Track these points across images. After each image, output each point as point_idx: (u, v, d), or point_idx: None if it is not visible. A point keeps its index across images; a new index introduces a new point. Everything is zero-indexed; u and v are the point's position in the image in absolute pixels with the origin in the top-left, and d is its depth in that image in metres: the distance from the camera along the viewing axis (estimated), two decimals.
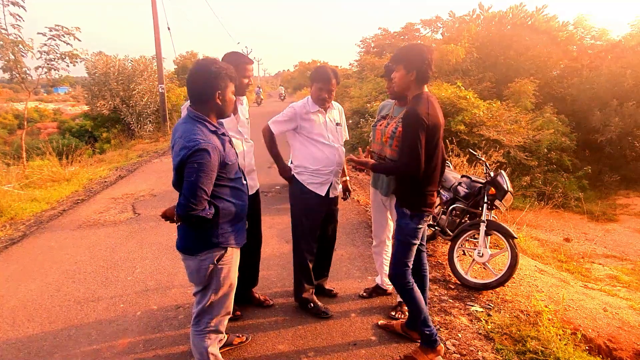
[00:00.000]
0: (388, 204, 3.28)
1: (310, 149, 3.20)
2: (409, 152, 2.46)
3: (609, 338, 3.69)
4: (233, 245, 2.27)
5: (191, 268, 2.24)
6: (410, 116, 2.44)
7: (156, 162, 10.24)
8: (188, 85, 2.13)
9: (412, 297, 2.73)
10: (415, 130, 2.42)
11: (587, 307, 4.06)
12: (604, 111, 12.80)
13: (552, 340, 3.17)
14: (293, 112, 3.17)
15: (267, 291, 3.70)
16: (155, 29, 15.24)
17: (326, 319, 3.29)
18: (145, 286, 3.82)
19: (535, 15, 17.25)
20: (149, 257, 4.44)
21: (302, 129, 3.19)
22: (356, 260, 4.44)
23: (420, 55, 2.50)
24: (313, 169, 3.21)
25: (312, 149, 3.20)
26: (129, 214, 5.99)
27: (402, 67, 2.56)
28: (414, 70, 2.51)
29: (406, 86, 2.60)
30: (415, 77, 2.53)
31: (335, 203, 3.45)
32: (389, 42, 24.25)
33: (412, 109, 2.46)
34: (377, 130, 3.22)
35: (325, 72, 3.14)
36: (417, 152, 2.43)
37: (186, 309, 3.41)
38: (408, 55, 2.55)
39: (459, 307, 3.70)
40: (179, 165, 2.03)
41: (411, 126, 2.43)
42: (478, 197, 4.60)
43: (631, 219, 10.41)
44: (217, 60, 2.14)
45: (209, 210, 2.10)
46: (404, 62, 2.55)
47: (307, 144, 3.22)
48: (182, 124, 2.16)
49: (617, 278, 6.23)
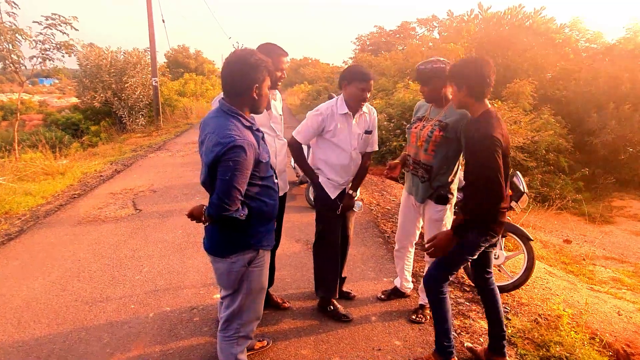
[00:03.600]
0: (422, 210, 3.17)
1: (328, 153, 3.05)
2: (489, 182, 2.27)
3: (626, 343, 3.65)
4: (265, 246, 2.16)
5: (221, 271, 2.12)
6: (486, 140, 2.25)
7: (152, 156, 10.02)
8: (224, 76, 1.99)
9: (442, 306, 2.63)
10: (493, 156, 2.24)
11: (602, 311, 4.02)
12: (601, 114, 12.90)
13: (577, 345, 3.11)
14: (320, 117, 2.97)
15: (283, 293, 3.58)
16: (149, 21, 14.96)
17: (347, 322, 3.19)
18: (155, 286, 3.67)
19: (533, 17, 17.33)
20: (156, 256, 4.29)
21: (325, 132, 3.01)
22: (369, 260, 4.35)
23: (471, 70, 2.36)
24: (331, 177, 3.08)
25: (330, 154, 3.05)
26: (130, 210, 5.81)
27: (453, 83, 2.44)
28: (463, 85, 2.38)
29: (462, 103, 2.47)
30: (467, 93, 2.39)
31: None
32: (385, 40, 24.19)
33: (485, 132, 2.27)
34: (412, 133, 3.07)
35: (364, 70, 2.93)
36: (498, 180, 2.26)
37: (201, 311, 3.29)
38: (458, 70, 2.42)
39: (477, 310, 3.63)
40: (212, 163, 1.90)
41: (488, 151, 2.24)
42: None
43: (627, 221, 10.49)
44: (255, 51, 2.01)
45: (243, 210, 1.98)
46: (455, 78, 2.43)
47: (326, 148, 3.06)
48: (213, 117, 2.02)
49: (620, 281, 6.25)
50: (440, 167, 2.95)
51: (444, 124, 2.89)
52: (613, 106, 12.92)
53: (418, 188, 3.07)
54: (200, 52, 37.08)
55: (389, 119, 9.94)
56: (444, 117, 2.93)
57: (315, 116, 2.98)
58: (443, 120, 2.92)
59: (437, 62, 2.87)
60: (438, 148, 2.91)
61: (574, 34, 18.09)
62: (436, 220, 3.08)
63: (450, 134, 2.87)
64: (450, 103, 2.98)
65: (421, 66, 2.91)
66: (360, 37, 27.66)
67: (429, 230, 3.17)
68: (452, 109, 2.94)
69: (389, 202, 6.79)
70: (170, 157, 9.99)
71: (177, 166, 8.85)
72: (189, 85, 25.65)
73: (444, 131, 2.87)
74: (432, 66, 2.85)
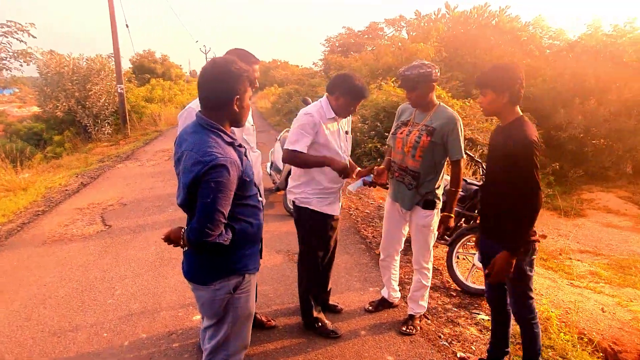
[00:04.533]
0: (409, 217, 3.07)
1: None
2: (535, 185, 2.21)
3: (613, 341, 3.66)
4: (251, 270, 2.00)
5: (203, 299, 1.95)
6: (526, 146, 2.19)
7: (120, 167, 9.63)
8: (201, 88, 1.81)
9: (535, 334, 2.52)
10: (533, 161, 2.18)
11: (586, 309, 4.03)
12: (567, 109, 13.24)
13: (568, 348, 3.08)
14: (311, 118, 2.77)
15: (266, 310, 3.42)
16: (112, 26, 14.46)
17: (335, 338, 3.05)
18: (129, 310, 3.44)
19: (499, 15, 17.68)
20: (129, 276, 4.04)
21: (318, 136, 2.82)
22: (353, 270, 4.23)
23: (511, 75, 2.28)
24: (323, 187, 2.88)
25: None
26: (99, 226, 5.51)
27: (490, 90, 2.32)
28: (505, 91, 2.28)
29: (499, 110, 2.36)
30: (508, 99, 2.29)
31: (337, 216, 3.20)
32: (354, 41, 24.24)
33: (525, 136, 2.21)
34: (397, 138, 2.97)
35: (363, 93, 2.80)
36: (538, 185, 2.21)
37: (180, 336, 3.08)
38: (497, 76, 2.32)
39: (465, 316, 3.57)
40: (191, 183, 1.72)
41: (529, 158, 2.19)
42: (474, 199, 4.50)
43: (598, 213, 10.78)
44: (235, 59, 1.83)
45: (226, 235, 1.81)
46: (492, 85, 2.31)
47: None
48: (191, 133, 1.84)
49: (597, 274, 6.35)
50: (428, 173, 2.89)
51: (432, 129, 2.82)
52: (578, 101, 13.29)
53: (405, 195, 2.98)
54: (167, 56, 36.34)
55: (363, 120, 9.88)
56: (431, 122, 2.85)
57: (307, 116, 2.78)
58: (430, 124, 2.84)
59: (422, 66, 2.77)
60: (425, 154, 2.83)
61: (538, 32, 18.55)
62: (424, 226, 3.01)
63: (437, 138, 2.80)
64: (436, 107, 2.90)
65: (406, 72, 2.80)
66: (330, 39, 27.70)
67: (416, 236, 3.09)
68: (438, 113, 2.87)
69: (367, 205, 6.70)
70: (140, 166, 9.63)
71: (148, 176, 8.52)
72: (157, 91, 25.01)
73: (432, 136, 2.80)
74: (418, 71, 2.76)
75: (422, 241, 3.07)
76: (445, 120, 2.81)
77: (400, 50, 15.22)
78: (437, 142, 2.82)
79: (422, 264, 3.12)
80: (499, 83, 2.29)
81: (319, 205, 2.89)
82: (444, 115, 2.85)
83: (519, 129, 2.26)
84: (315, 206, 2.88)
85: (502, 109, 2.34)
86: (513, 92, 2.28)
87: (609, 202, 11.84)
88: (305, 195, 2.88)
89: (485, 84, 2.35)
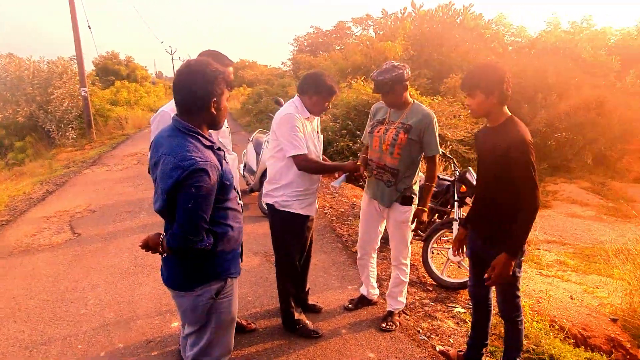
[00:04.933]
0: (387, 214, 3.11)
1: None
2: (534, 186, 2.18)
3: (582, 327, 3.81)
4: (233, 274, 1.98)
5: (185, 306, 1.92)
6: (523, 146, 2.17)
7: (87, 172, 9.34)
8: (177, 91, 1.78)
9: (519, 330, 2.56)
10: (530, 161, 2.16)
11: (556, 297, 4.17)
12: (531, 104, 13.70)
13: (542, 337, 3.18)
14: (298, 119, 2.78)
15: (246, 313, 3.40)
16: (74, 28, 14.01)
17: (317, 338, 3.06)
18: (104, 320, 3.35)
19: (463, 13, 18.09)
20: (101, 285, 3.94)
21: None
22: (331, 268, 4.25)
23: (499, 75, 2.25)
24: (303, 188, 2.88)
25: None
26: (67, 234, 5.34)
27: (478, 92, 2.28)
28: (495, 92, 2.24)
29: (488, 111, 2.33)
30: (497, 100, 2.26)
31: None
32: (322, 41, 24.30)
33: (521, 137, 2.18)
34: (374, 137, 3.01)
35: (332, 86, 2.83)
36: (536, 185, 2.19)
37: (158, 344, 3.02)
38: (485, 77, 2.28)
39: (442, 310, 3.65)
40: (171, 189, 1.69)
41: (526, 158, 2.16)
42: (447, 195, 4.60)
43: (562, 204, 11.19)
44: (211, 61, 1.82)
45: (208, 240, 1.79)
46: (481, 86, 2.27)
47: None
48: (168, 137, 1.80)
49: (565, 263, 6.60)
50: (406, 169, 2.96)
51: (408, 126, 2.88)
52: (541, 96, 13.76)
53: (384, 192, 3.03)
54: (132, 58, 35.31)
55: (334, 119, 9.92)
56: (407, 119, 2.91)
57: (292, 116, 2.78)
58: (406, 122, 2.90)
59: (393, 69, 2.84)
60: (403, 151, 2.90)
61: (500, 29, 19.11)
62: (402, 222, 3.07)
63: (414, 135, 2.87)
64: (411, 105, 2.96)
65: (380, 77, 2.85)
66: (298, 38, 27.67)
67: (394, 233, 3.15)
68: (413, 111, 2.93)
69: (342, 204, 6.73)
70: (108, 171, 9.38)
71: (117, 181, 8.30)
72: (122, 94, 24.36)
73: (409, 133, 2.87)
74: (391, 75, 2.82)
75: (401, 237, 3.12)
76: (421, 117, 2.88)
77: (368, 49, 15.36)
78: (414, 139, 2.88)
79: (400, 260, 3.17)
80: (487, 84, 2.26)
81: (299, 207, 2.90)
82: (419, 113, 2.91)
83: (512, 130, 2.23)
84: (295, 209, 2.89)
85: (492, 110, 2.31)
86: (502, 92, 2.25)
87: (572, 192, 12.30)
88: (285, 199, 2.87)
89: (473, 85, 2.31)
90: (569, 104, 13.59)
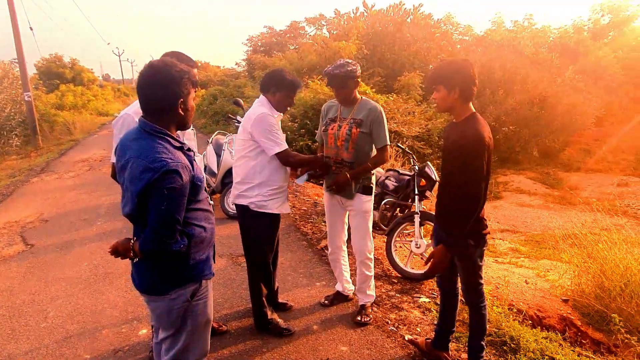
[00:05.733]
0: (350, 206, 3.19)
1: (273, 162, 2.89)
2: (475, 182, 2.25)
3: (537, 308, 4.04)
4: (206, 276, 1.98)
5: (159, 310, 1.90)
6: (476, 141, 2.24)
7: (36, 181, 8.89)
8: (143, 93, 1.76)
9: (482, 316, 2.65)
10: (481, 157, 2.23)
11: (513, 282, 4.40)
12: (480, 100, 14.27)
13: (502, 320, 3.35)
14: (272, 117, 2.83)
15: (216, 315, 3.37)
16: (14, 30, 13.26)
17: (289, 336, 3.09)
18: (67, 332, 3.23)
19: (413, 13, 18.57)
20: (61, 296, 3.78)
21: None
22: (298, 266, 4.29)
23: (461, 72, 2.31)
24: (277, 186, 2.93)
25: (274, 163, 2.90)
26: (20, 246, 5.07)
27: (442, 87, 2.35)
28: (456, 88, 2.31)
29: (450, 106, 2.39)
30: (458, 95, 2.32)
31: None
32: (276, 40, 24.21)
33: (476, 136, 2.25)
34: (329, 134, 3.13)
35: (298, 82, 2.92)
36: (482, 181, 2.26)
37: (126, 353, 2.95)
38: (448, 73, 2.34)
39: (408, 301, 3.76)
40: (142, 192, 1.67)
41: (477, 153, 2.23)
42: (408, 189, 4.74)
43: (512, 194, 11.75)
44: (176, 62, 1.80)
45: (183, 241, 1.78)
46: (444, 81, 2.34)
47: (271, 158, 2.87)
48: (134, 139, 1.77)
49: (518, 250, 6.95)
50: (362, 161, 3.09)
51: (359, 120, 3.04)
52: (489, 92, 14.37)
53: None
54: (77, 60, 33.78)
55: (293, 119, 9.95)
56: (357, 114, 3.07)
57: (267, 115, 2.82)
58: (356, 117, 3.06)
59: (347, 64, 2.98)
60: (357, 144, 3.05)
61: (449, 28, 19.79)
62: (365, 212, 3.19)
63: (365, 128, 3.03)
64: (359, 101, 3.11)
65: (335, 71, 2.96)
66: (252, 38, 27.41)
67: (357, 224, 3.23)
68: (361, 106, 3.10)
69: (304, 202, 6.78)
70: (58, 179, 8.96)
71: (69, 189, 7.96)
72: (68, 98, 23.31)
73: (360, 127, 3.02)
74: (346, 70, 2.95)
75: (364, 227, 3.21)
76: (368, 111, 3.04)
77: (323, 49, 15.48)
78: (366, 131, 3.03)
79: (365, 253, 3.25)
80: (449, 80, 2.32)
81: (275, 207, 2.94)
82: (366, 107, 3.08)
83: (472, 127, 2.31)
84: (272, 209, 2.92)
85: (454, 105, 2.38)
86: (464, 88, 2.31)
87: (521, 183, 12.95)
88: (260, 199, 2.89)
89: (437, 80, 2.37)
90: (515, 99, 14.28)
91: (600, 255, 4.16)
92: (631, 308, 3.64)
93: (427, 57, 17.59)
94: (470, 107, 2.41)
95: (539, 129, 14.60)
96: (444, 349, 2.89)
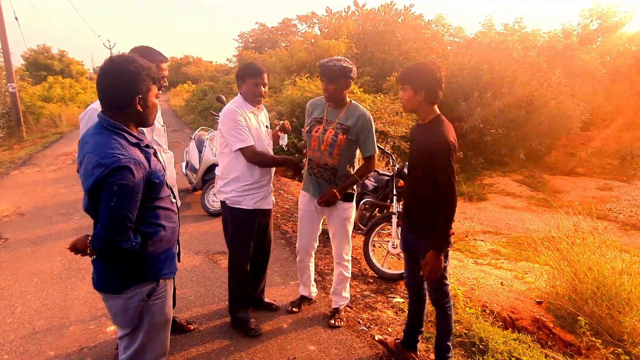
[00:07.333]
0: (328, 212, 3.14)
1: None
2: (450, 185, 2.30)
3: (511, 310, 4.07)
4: (165, 275, 1.95)
5: (116, 308, 1.87)
6: (443, 145, 2.29)
7: (16, 174, 8.76)
8: (100, 88, 1.73)
9: (448, 316, 2.66)
10: (450, 161, 2.28)
11: (488, 284, 4.42)
12: (468, 102, 14.33)
13: (472, 321, 3.37)
14: (238, 112, 2.80)
15: (186, 313, 3.35)
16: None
17: (257, 336, 3.06)
18: (33, 328, 3.18)
19: (404, 14, 18.61)
20: (31, 292, 3.73)
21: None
22: (274, 265, 4.26)
23: (429, 75, 2.35)
24: (253, 180, 2.89)
25: None
26: None
27: (409, 87, 2.38)
28: (422, 90, 2.35)
29: (415, 107, 2.43)
30: (424, 97, 2.36)
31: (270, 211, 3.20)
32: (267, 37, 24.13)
33: (442, 137, 2.30)
34: (312, 137, 3.01)
35: (256, 66, 2.87)
36: (453, 185, 2.31)
37: (92, 350, 2.92)
38: (415, 74, 2.38)
39: (382, 301, 3.76)
40: (92, 187, 1.64)
41: (445, 158, 2.28)
42: (387, 190, 4.74)
43: (497, 196, 11.82)
44: (136, 57, 1.77)
45: (135, 239, 1.75)
46: (411, 82, 2.37)
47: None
48: (92, 135, 1.75)
49: (498, 252, 6.99)
50: (345, 168, 3.01)
51: (346, 127, 2.92)
52: (477, 94, 14.42)
53: (322, 188, 3.06)
54: (65, 52, 33.25)
55: (279, 116, 9.91)
56: (345, 120, 2.95)
57: (232, 111, 2.80)
58: (344, 123, 2.94)
59: (343, 61, 2.88)
60: (343, 151, 2.94)
61: (440, 29, 19.85)
62: (345, 219, 3.13)
63: (352, 136, 2.92)
64: (348, 104, 3.01)
65: (329, 63, 2.86)
66: (243, 34, 27.33)
67: (337, 230, 3.19)
68: (351, 111, 2.97)
69: (287, 201, 6.77)
70: (39, 172, 8.84)
71: (49, 183, 7.85)
72: (55, 90, 22.94)
73: (347, 134, 2.91)
74: (340, 64, 2.83)
75: (344, 233, 3.18)
76: (357, 118, 2.93)
77: (313, 47, 15.46)
78: (353, 139, 2.94)
79: (343, 256, 3.23)
80: (416, 81, 2.36)
81: (250, 203, 2.91)
82: (356, 114, 2.96)
83: (436, 129, 2.36)
84: (246, 205, 2.90)
85: (419, 107, 2.43)
86: (429, 91, 2.36)
87: (507, 185, 13.02)
88: (234, 195, 2.88)
89: (405, 80, 2.41)
90: (502, 101, 14.36)
91: (575, 258, 4.19)
92: (602, 311, 3.67)
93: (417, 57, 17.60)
94: (435, 109, 2.44)
95: (526, 131, 14.70)
96: (412, 349, 2.89)
